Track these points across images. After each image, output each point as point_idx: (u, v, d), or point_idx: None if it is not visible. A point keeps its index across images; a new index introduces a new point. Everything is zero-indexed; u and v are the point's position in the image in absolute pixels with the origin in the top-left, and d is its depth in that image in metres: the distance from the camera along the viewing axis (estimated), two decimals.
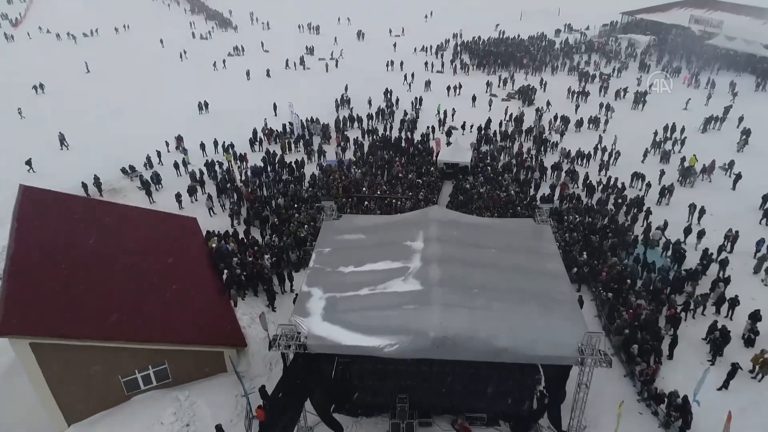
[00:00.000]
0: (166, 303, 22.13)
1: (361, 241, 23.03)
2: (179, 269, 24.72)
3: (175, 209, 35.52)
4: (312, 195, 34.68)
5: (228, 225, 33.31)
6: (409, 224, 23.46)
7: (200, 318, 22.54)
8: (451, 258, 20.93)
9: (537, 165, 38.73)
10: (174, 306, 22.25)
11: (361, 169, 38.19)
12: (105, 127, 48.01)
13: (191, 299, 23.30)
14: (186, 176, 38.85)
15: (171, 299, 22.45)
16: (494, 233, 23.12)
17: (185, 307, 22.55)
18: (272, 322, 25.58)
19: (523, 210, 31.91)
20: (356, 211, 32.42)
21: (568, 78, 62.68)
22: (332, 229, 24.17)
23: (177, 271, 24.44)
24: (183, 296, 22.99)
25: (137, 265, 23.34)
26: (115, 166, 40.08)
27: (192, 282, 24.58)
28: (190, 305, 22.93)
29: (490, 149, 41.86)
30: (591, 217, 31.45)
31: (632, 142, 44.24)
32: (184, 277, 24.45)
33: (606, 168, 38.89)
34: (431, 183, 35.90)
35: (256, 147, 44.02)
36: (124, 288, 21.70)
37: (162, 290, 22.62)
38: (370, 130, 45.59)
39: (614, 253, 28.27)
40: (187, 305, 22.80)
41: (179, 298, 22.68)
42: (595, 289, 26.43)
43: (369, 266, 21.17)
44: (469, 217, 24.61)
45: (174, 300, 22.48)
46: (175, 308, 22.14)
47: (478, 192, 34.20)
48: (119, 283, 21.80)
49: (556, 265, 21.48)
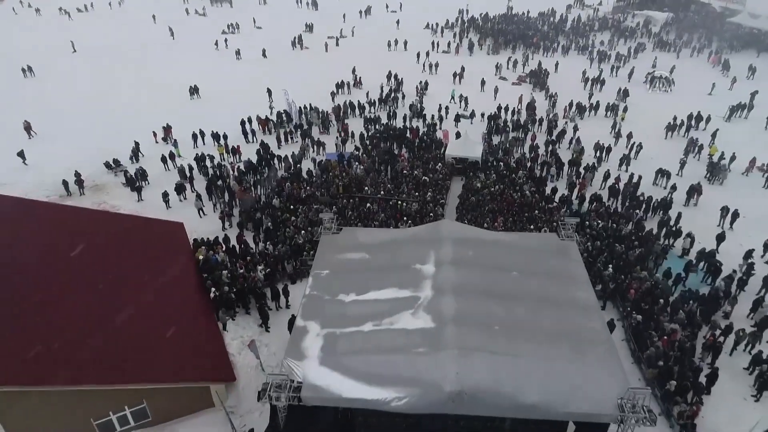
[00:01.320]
0: (144, 333, 19.61)
1: (364, 262, 20.38)
2: (161, 289, 22.12)
3: (162, 209, 32.89)
4: (310, 194, 31.89)
5: (219, 228, 30.72)
6: (418, 242, 20.79)
7: (184, 349, 20.04)
8: (467, 286, 18.35)
9: (553, 159, 35.81)
10: (153, 336, 19.72)
11: (363, 164, 35.28)
12: (89, 114, 44.83)
13: (174, 325, 20.72)
14: (175, 170, 35.99)
15: (150, 327, 19.95)
16: (514, 253, 20.45)
17: (167, 337, 20.01)
18: (265, 345, 23.35)
19: (540, 214, 29.16)
20: (358, 213, 29.74)
21: (580, 59, 59.18)
22: (332, 245, 21.53)
23: (158, 292, 21.85)
24: (164, 323, 20.44)
25: (111, 287, 20.78)
26: (100, 157, 37.21)
27: (175, 304, 22.08)
28: (173, 333, 20.36)
29: (502, 141, 38.83)
30: (615, 223, 28.70)
31: (653, 132, 41.31)
32: (166, 298, 21.89)
33: (627, 163, 35.94)
34: (439, 181, 33.05)
35: (250, 137, 40.96)
36: (95, 318, 19.15)
37: (140, 317, 20.07)
38: (372, 119, 42.45)
39: (642, 265, 25.64)
40: (169, 333, 20.24)
41: (160, 326, 20.15)
42: (623, 309, 23.86)
43: (373, 294, 18.62)
44: (484, 233, 21.88)
45: (154, 328, 19.97)
46: (154, 339, 19.62)
47: (490, 191, 31.39)
48: (89, 311, 19.25)
49: (586, 293, 18.89)
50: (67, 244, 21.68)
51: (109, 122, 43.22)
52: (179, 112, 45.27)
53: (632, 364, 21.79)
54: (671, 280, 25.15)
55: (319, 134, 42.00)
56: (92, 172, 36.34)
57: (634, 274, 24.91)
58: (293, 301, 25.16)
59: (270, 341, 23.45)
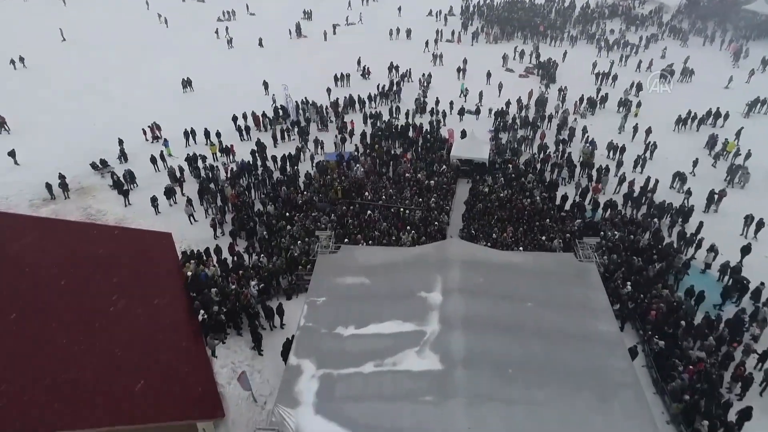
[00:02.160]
0: (123, 365, 17.87)
1: (364, 287, 18.63)
2: (144, 313, 20.34)
3: (151, 214, 31.14)
4: (308, 200, 30.03)
5: (210, 235, 28.96)
6: (422, 265, 19.03)
7: (168, 382, 18.32)
8: (477, 319, 16.66)
9: (564, 161, 33.86)
10: (133, 368, 17.98)
11: (364, 166, 33.36)
12: (77, 108, 42.75)
13: (156, 354, 19.05)
14: (166, 171, 34.10)
15: (130, 359, 18.19)
16: (528, 279, 18.68)
17: (148, 367, 18.31)
18: (258, 371, 21.71)
19: (552, 224, 27.34)
20: (358, 222, 27.92)
21: (589, 48, 56.85)
22: (329, 267, 19.79)
23: (140, 317, 20.07)
24: (146, 352, 18.74)
25: (87, 314, 18.94)
26: (87, 156, 35.30)
27: (159, 329, 20.27)
28: (154, 364, 18.69)
29: (510, 140, 36.82)
30: (632, 233, 26.87)
31: (666, 129, 39.32)
32: (149, 323, 20.08)
33: (642, 164, 33.99)
34: (443, 185, 31.16)
35: (245, 135, 38.98)
36: (65, 350, 17.31)
37: (119, 346, 18.33)
38: (373, 115, 40.39)
39: (663, 282, 23.89)
40: (150, 364, 18.56)
41: (141, 357, 18.43)
42: (643, 332, 22.15)
43: (374, 327, 16.91)
44: (494, 254, 20.06)
45: (134, 360, 18.22)
46: (134, 372, 17.87)
47: (498, 197, 29.53)
48: (58, 343, 17.39)
49: (608, 325, 17.17)
50: (39, 265, 19.86)
51: (98, 118, 41.21)
52: (171, 107, 43.42)
53: (654, 394, 20.10)
54: (693, 298, 23.39)
55: (318, 131, 40.03)
56: (78, 173, 34.47)
57: (655, 293, 23.16)
58: (289, 320, 23.48)
59: (263, 366, 21.79)
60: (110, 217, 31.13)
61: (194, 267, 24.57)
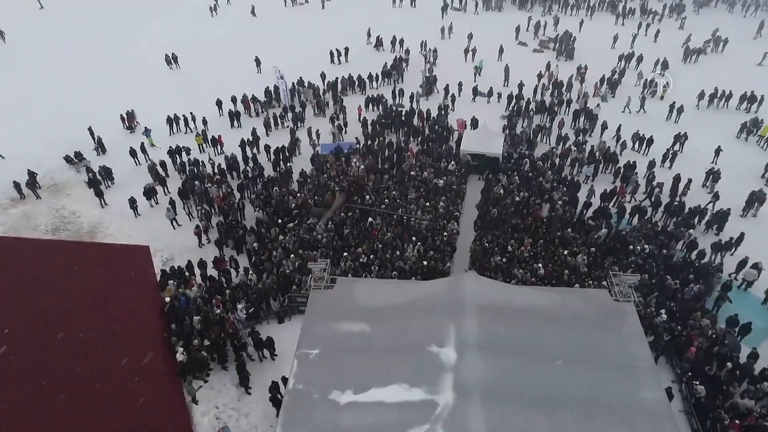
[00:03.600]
0: (85, 421, 15.40)
1: (364, 337, 15.90)
2: (112, 351, 17.80)
3: (130, 217, 28.25)
4: (302, 203, 27.04)
5: (195, 244, 26.19)
6: (433, 309, 16.26)
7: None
8: (499, 385, 14.02)
9: (585, 156, 30.62)
10: (97, 424, 15.53)
11: (365, 162, 30.20)
12: (51, 90, 39.19)
13: (122, 404, 16.54)
14: (147, 164, 30.98)
15: (93, 411, 15.72)
16: (557, 327, 15.91)
17: (115, 419, 15.85)
18: (245, 414, 19.33)
19: (574, 235, 24.47)
20: (358, 231, 25.05)
21: (606, 17, 52.48)
22: (323, 307, 17.05)
23: (108, 357, 17.53)
24: (113, 402, 16.26)
25: (48, 353, 16.44)
26: (61, 146, 32.12)
27: (130, 372, 17.72)
28: (123, 414, 16.23)
29: (525, 130, 33.42)
30: (665, 246, 23.98)
31: (694, 114, 35.89)
32: (118, 364, 17.54)
33: (672, 159, 30.76)
34: (453, 185, 28.06)
35: (235, 122, 35.62)
36: (18, 402, 14.87)
37: (81, 396, 15.84)
38: (374, 99, 36.87)
39: (701, 308, 21.19)
40: (118, 414, 16.10)
41: (106, 408, 15.95)
42: (681, 371, 19.54)
43: (376, 393, 14.29)
44: (517, 294, 17.14)
45: (98, 413, 15.74)
46: (93, 426, 15.43)
47: (514, 202, 26.52)
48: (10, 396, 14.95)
49: (652, 391, 14.49)
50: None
51: (74, 100, 37.65)
52: (155, 87, 39.88)
53: None
54: (737, 328, 20.72)
55: (314, 116, 36.62)
56: (51, 168, 31.45)
57: (693, 323, 20.48)
58: (280, 347, 20.90)
59: (250, 409, 19.32)
60: (84, 220, 28.30)
61: (174, 289, 21.90)
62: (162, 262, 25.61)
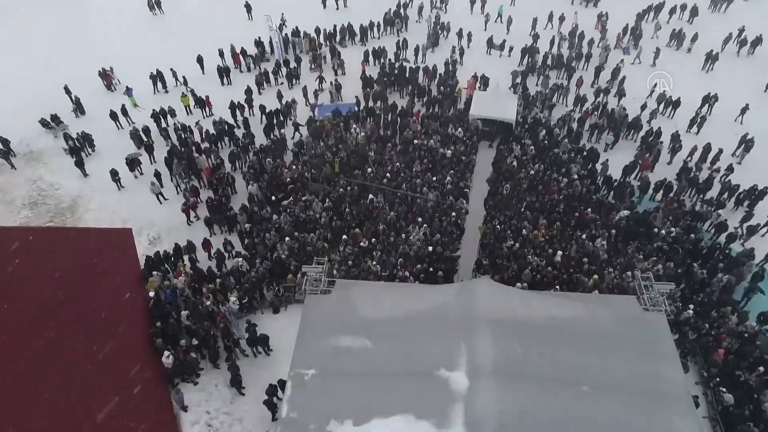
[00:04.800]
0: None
1: (365, 356, 14.31)
2: (88, 356, 16.34)
3: (113, 190, 26.23)
4: (298, 176, 24.91)
5: (183, 220, 24.33)
6: (442, 324, 14.63)
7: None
8: (516, 421, 12.53)
9: (605, 120, 28.04)
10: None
11: (366, 128, 27.73)
12: (23, 43, 36.06)
13: (101, 416, 15.24)
14: (129, 128, 28.62)
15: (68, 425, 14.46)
16: (581, 345, 14.29)
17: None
18: (238, 419, 18.11)
19: (594, 215, 22.48)
20: (358, 209, 23.08)
21: None
22: (320, 317, 15.42)
23: (84, 362, 16.08)
24: (87, 413, 14.93)
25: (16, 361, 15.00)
26: (36, 110, 29.60)
27: (108, 379, 16.30)
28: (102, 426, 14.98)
29: (540, 91, 30.55)
30: (692, 230, 22.05)
31: (726, 72, 32.89)
32: (95, 370, 16.13)
33: (699, 123, 28.20)
34: (462, 156, 25.74)
35: (225, 79, 32.79)
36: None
37: (54, 408, 14.50)
38: (376, 52, 33.77)
39: (731, 302, 19.52)
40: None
41: (84, 413, 14.66)
42: (707, 374, 18.12)
43: (378, 426, 12.86)
44: (535, 305, 15.31)
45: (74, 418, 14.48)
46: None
47: (528, 176, 24.36)
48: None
49: (688, 421, 13.02)
50: None
51: (47, 53, 34.65)
52: (137, 36, 36.64)
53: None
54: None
55: (310, 71, 33.67)
56: (26, 134, 29.08)
57: (722, 320, 18.88)
58: (276, 339, 19.48)
59: (244, 413, 18.07)
60: (64, 193, 26.32)
61: (159, 280, 20.21)
62: (149, 241, 23.90)
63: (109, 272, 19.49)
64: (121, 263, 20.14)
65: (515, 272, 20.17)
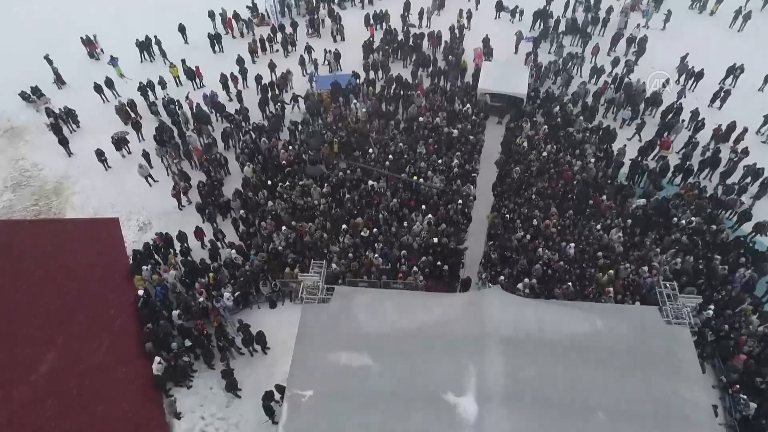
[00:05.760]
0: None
1: (366, 376, 13.34)
2: (71, 363, 15.48)
3: (100, 171, 24.86)
4: (295, 157, 23.44)
5: (174, 205, 23.06)
6: (449, 343, 13.54)
7: None
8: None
9: (622, 95, 26.21)
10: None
11: (366, 103, 25.99)
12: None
13: (90, 424, 14.48)
14: (117, 101, 26.96)
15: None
16: (597, 365, 13.25)
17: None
18: (235, 425, 17.33)
19: (609, 202, 21.11)
20: (358, 195, 21.74)
21: None
22: (318, 328, 14.39)
23: (67, 368, 15.24)
24: (77, 420, 14.17)
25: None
26: (16, 82, 27.89)
27: (93, 387, 15.45)
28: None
29: (553, 61, 28.51)
30: (714, 220, 20.73)
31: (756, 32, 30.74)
32: (79, 377, 15.27)
33: (723, 98, 26.38)
34: (469, 135, 24.12)
35: (215, 45, 30.75)
36: None
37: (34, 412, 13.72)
38: (378, 16, 31.47)
39: (753, 299, 18.44)
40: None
41: (68, 425, 13.91)
42: (726, 378, 17.21)
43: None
44: (549, 318, 14.13)
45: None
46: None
47: (539, 158, 22.84)
48: None
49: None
50: None
51: (25, 19, 32.49)
52: (122, 2, 34.20)
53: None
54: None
55: (307, 37, 31.54)
56: (6, 108, 27.51)
57: (742, 320, 17.85)
58: (273, 336, 18.56)
59: (241, 417, 17.31)
60: (48, 174, 25.03)
61: (148, 275, 19.12)
62: (138, 227, 22.72)
63: (95, 269, 18.38)
64: (108, 258, 18.97)
65: (525, 267, 19.05)
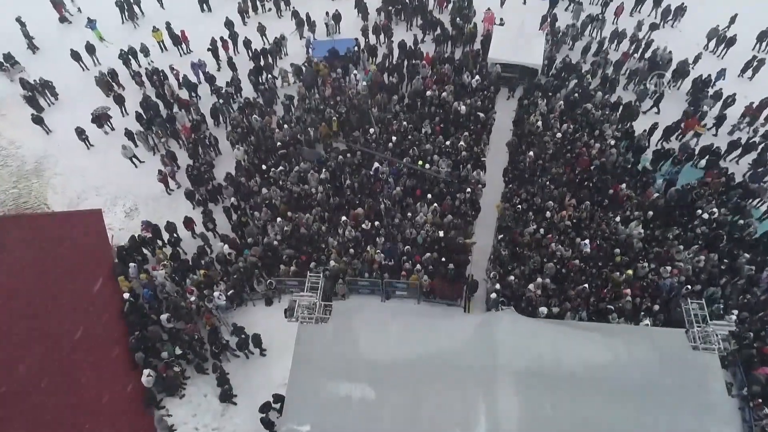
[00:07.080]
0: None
1: (367, 411, 12.32)
2: (56, 368, 14.53)
3: (82, 149, 23.24)
4: (290, 138, 21.71)
5: (161, 186, 21.59)
6: (458, 373, 12.46)
7: None
8: None
9: (645, 65, 24.07)
10: None
11: (367, 78, 23.88)
12: None
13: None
14: (96, 70, 24.96)
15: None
16: (619, 399, 12.19)
17: None
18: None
19: (629, 191, 19.54)
20: (359, 181, 20.19)
21: None
22: (315, 353, 13.26)
23: (50, 375, 14.29)
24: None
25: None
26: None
27: (76, 402, 14.54)
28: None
29: (571, 24, 26.06)
30: (742, 212, 19.24)
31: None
32: (63, 397, 14.35)
33: (756, 68, 24.25)
34: (478, 112, 22.19)
35: (203, 5, 28.24)
36: None
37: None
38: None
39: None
40: None
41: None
42: (749, 392, 16.28)
43: None
44: (566, 347, 12.84)
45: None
46: None
47: (554, 140, 21.08)
48: None
49: None
50: None
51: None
52: None
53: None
54: None
55: None
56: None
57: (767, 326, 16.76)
58: (270, 337, 17.61)
59: (236, 428, 16.57)
60: (27, 152, 23.50)
61: (135, 272, 17.92)
62: (125, 213, 21.44)
63: (76, 268, 17.06)
64: (90, 256, 17.65)
65: (537, 264, 17.80)
